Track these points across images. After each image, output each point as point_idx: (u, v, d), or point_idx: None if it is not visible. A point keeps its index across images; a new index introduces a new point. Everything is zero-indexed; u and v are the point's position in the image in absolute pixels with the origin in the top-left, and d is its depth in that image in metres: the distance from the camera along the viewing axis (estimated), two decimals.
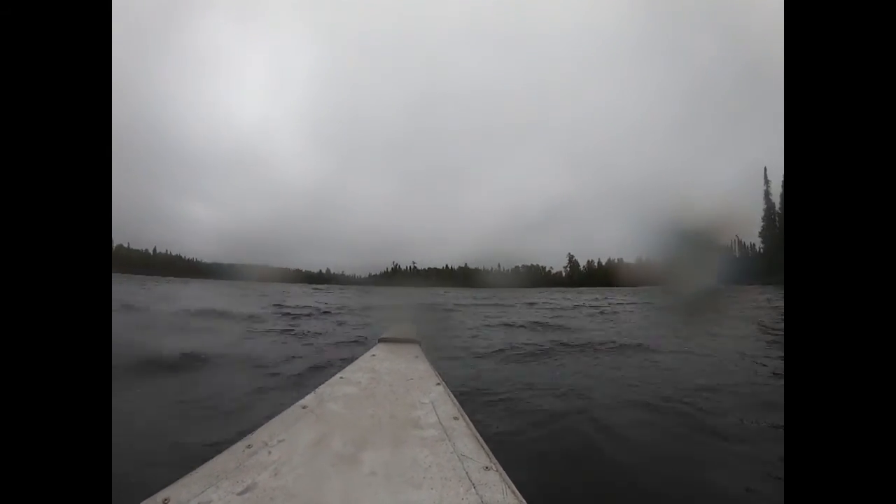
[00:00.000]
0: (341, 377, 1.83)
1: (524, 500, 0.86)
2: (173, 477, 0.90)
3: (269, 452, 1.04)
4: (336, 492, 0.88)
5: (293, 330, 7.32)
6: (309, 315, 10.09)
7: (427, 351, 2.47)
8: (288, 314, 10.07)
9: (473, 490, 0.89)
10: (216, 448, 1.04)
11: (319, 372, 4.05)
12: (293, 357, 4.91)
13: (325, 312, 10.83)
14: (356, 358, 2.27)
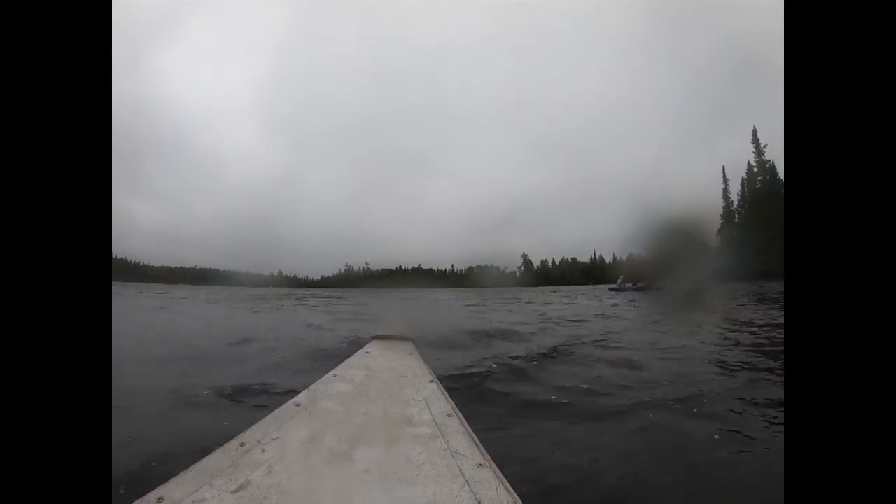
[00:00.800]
0: (335, 375, 1.82)
1: (517, 497, 0.86)
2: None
3: (263, 450, 1.04)
4: (330, 489, 0.88)
5: None
6: None
7: (421, 348, 2.45)
8: None
9: (467, 487, 0.89)
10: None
11: None
12: None
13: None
14: (350, 355, 2.26)
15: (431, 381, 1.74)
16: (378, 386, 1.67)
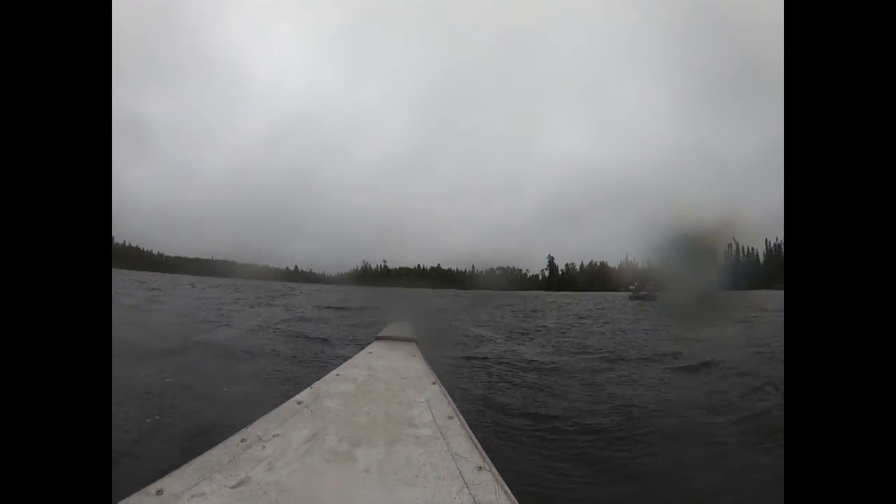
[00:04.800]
0: (337, 374, 1.82)
1: (516, 501, 0.86)
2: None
3: (264, 447, 1.04)
4: (329, 488, 0.88)
5: None
6: None
7: (424, 350, 2.46)
8: None
9: (466, 489, 0.89)
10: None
11: None
12: None
13: None
14: (353, 355, 2.28)
15: (434, 383, 1.74)
16: (380, 386, 1.68)
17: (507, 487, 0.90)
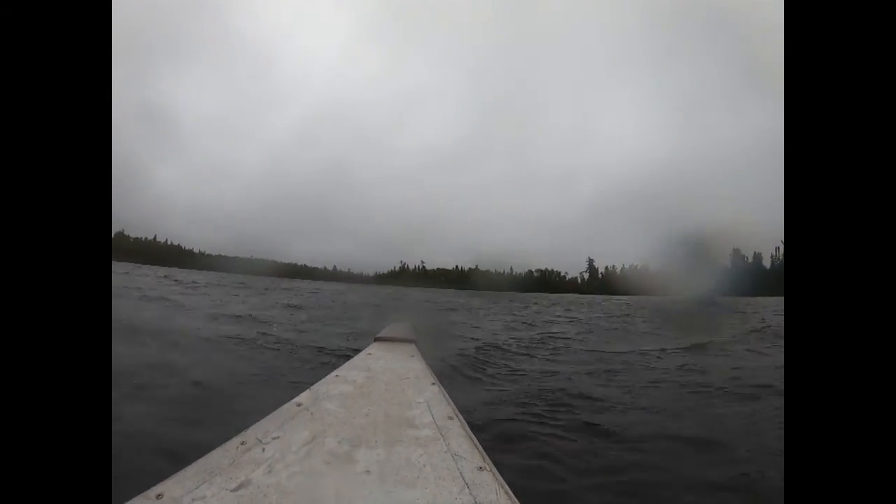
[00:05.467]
0: (337, 375, 1.83)
1: (517, 501, 0.86)
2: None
3: (263, 449, 1.04)
4: (330, 490, 0.88)
5: None
6: None
7: (423, 350, 2.47)
8: None
9: (467, 490, 0.89)
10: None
11: None
12: None
13: None
14: (352, 356, 2.28)
15: (433, 384, 1.74)
16: (380, 387, 1.68)
17: (508, 488, 0.90)
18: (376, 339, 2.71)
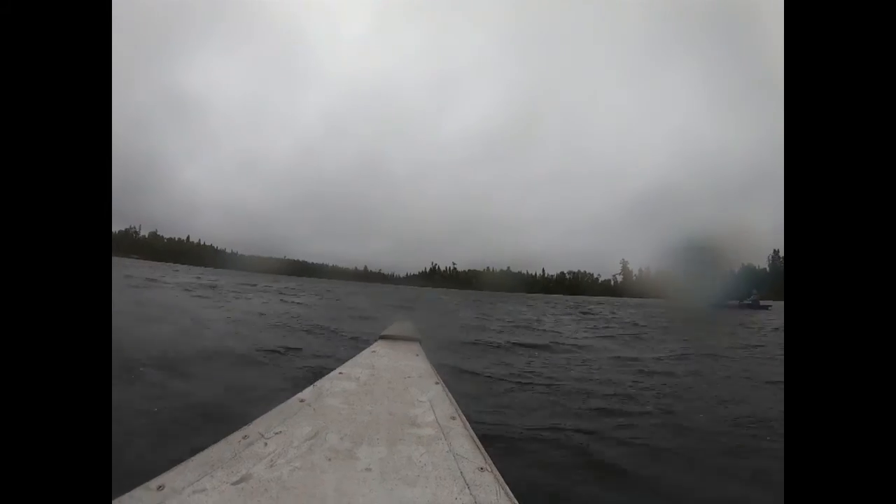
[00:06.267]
0: (340, 372, 1.85)
1: (517, 502, 0.86)
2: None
3: (266, 444, 1.05)
4: (330, 486, 0.88)
5: None
6: None
7: (427, 349, 2.48)
8: None
9: (467, 490, 0.89)
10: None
11: None
12: None
13: None
14: (357, 354, 2.30)
15: (437, 383, 1.75)
16: (383, 385, 1.69)
17: (508, 489, 0.90)
18: (381, 338, 2.73)
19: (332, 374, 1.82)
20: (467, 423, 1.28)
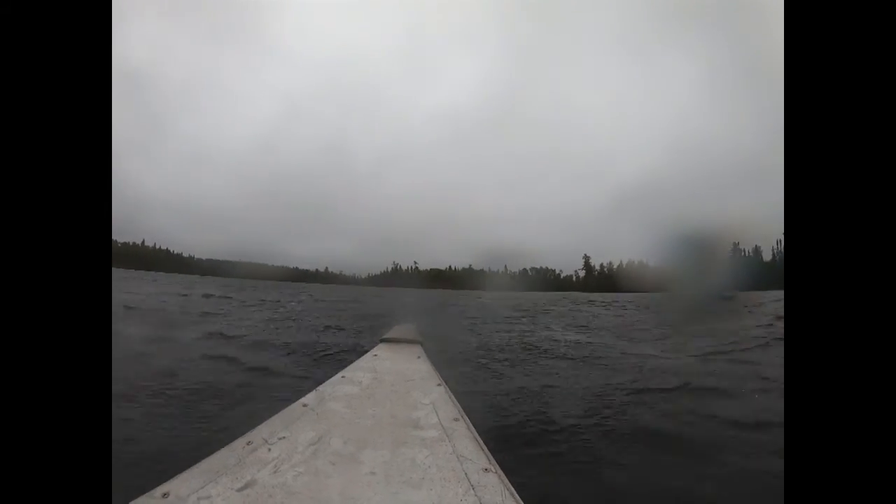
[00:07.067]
0: (343, 376, 1.84)
1: (522, 503, 0.86)
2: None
3: (269, 449, 1.04)
4: (335, 490, 0.88)
5: None
6: None
7: (429, 351, 2.47)
8: None
9: (472, 491, 0.89)
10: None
11: None
12: None
13: None
14: (358, 357, 2.29)
15: (439, 385, 1.74)
16: (385, 389, 1.69)
17: (513, 489, 0.90)
18: (382, 341, 2.71)
19: (335, 378, 1.81)
20: (471, 425, 1.27)
